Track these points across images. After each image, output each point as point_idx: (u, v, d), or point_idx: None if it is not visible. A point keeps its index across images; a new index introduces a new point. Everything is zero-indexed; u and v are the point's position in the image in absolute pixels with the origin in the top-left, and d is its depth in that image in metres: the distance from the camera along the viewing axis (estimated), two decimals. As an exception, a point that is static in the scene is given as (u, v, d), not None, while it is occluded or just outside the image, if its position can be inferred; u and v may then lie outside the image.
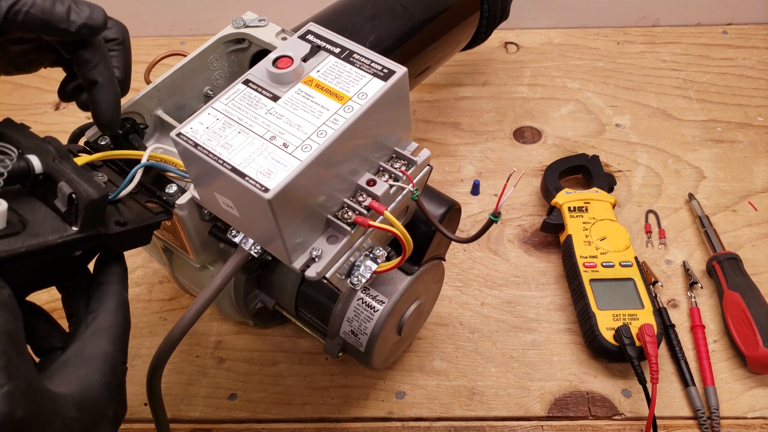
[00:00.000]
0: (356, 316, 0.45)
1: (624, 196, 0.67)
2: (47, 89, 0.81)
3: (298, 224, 0.35)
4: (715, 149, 0.71)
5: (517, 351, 0.57)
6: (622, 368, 0.55)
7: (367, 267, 0.38)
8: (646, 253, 0.63)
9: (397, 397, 0.54)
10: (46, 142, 0.36)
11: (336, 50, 0.38)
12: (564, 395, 0.54)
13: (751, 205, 0.66)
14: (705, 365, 0.54)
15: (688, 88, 0.78)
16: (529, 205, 0.68)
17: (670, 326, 0.56)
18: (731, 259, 0.59)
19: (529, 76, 0.80)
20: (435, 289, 0.53)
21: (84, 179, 0.33)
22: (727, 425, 0.52)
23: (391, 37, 0.58)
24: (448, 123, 0.75)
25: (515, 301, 0.60)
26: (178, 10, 0.86)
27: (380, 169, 0.38)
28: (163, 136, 0.50)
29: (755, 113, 0.75)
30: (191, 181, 0.39)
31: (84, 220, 0.33)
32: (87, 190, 0.33)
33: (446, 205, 0.45)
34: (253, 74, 0.37)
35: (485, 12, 0.67)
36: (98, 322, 0.33)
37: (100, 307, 0.34)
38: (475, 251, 0.64)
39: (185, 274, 0.51)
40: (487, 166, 0.71)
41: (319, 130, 0.34)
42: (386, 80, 0.36)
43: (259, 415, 0.54)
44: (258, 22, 0.51)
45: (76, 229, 0.33)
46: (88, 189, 0.33)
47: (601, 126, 0.74)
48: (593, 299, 0.56)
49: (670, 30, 0.85)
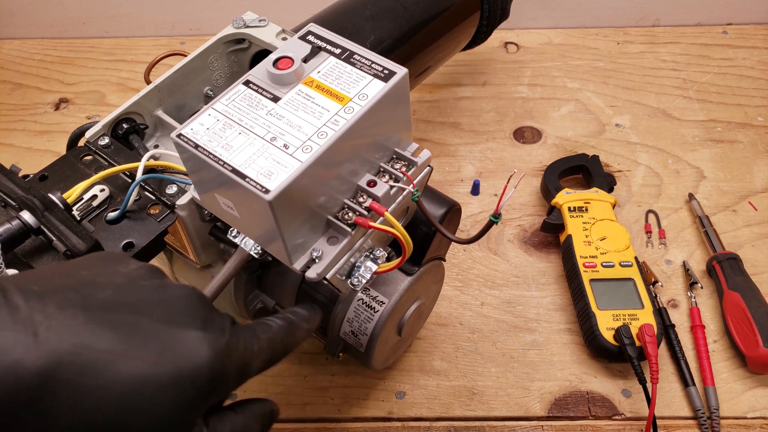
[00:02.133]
0: (356, 316, 0.45)
1: (624, 196, 0.67)
2: (47, 89, 0.81)
3: (298, 225, 0.35)
4: (715, 149, 0.71)
5: (517, 351, 0.57)
6: (622, 368, 0.55)
7: (368, 268, 0.38)
8: (646, 253, 0.63)
9: (397, 397, 0.54)
10: (29, 194, 0.36)
11: (336, 51, 0.38)
12: (564, 395, 0.54)
13: (751, 205, 0.66)
14: (705, 365, 0.54)
15: (688, 88, 0.78)
16: (529, 205, 0.68)
17: (670, 326, 0.56)
18: (731, 259, 0.59)
19: (529, 76, 0.80)
20: (435, 290, 0.53)
21: (73, 231, 0.35)
22: (727, 425, 0.52)
23: (391, 38, 0.58)
24: (448, 123, 0.75)
25: (515, 301, 0.60)
26: (178, 10, 0.86)
27: (381, 170, 0.38)
28: (163, 137, 0.50)
29: (755, 113, 0.75)
30: (192, 182, 0.39)
31: None
32: (77, 245, 0.34)
33: (446, 206, 0.45)
34: (254, 75, 0.37)
35: (485, 12, 0.67)
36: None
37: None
38: (475, 251, 0.64)
39: (185, 274, 0.51)
40: (487, 166, 0.71)
41: (320, 131, 0.34)
42: (387, 81, 0.36)
43: (260, 415, 0.54)
44: (258, 22, 0.50)
45: None
46: (78, 243, 0.34)
47: (601, 126, 0.74)
48: (593, 299, 0.56)
49: (670, 30, 0.85)
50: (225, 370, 0.28)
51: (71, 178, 0.42)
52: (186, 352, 0.26)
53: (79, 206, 0.40)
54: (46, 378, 0.23)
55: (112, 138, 0.46)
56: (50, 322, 0.24)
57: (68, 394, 0.23)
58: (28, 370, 0.23)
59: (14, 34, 0.88)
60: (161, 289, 0.28)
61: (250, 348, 0.30)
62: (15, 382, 0.22)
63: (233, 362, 0.29)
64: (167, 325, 0.27)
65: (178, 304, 0.28)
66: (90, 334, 0.25)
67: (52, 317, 0.24)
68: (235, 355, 0.29)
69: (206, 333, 0.28)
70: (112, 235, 0.37)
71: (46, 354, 0.23)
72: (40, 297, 0.25)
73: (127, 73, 0.83)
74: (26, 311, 0.24)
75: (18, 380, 0.22)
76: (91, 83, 0.82)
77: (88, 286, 0.26)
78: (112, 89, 0.81)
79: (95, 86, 0.81)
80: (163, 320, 0.27)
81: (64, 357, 0.23)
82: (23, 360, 0.23)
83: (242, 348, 0.29)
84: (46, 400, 0.23)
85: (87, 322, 0.25)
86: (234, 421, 0.31)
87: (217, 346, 0.28)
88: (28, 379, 0.23)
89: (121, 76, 0.83)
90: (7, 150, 0.74)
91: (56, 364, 0.23)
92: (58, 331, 0.24)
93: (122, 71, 0.83)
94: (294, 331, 0.34)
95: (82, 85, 0.82)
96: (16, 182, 0.37)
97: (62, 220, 0.35)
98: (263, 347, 0.31)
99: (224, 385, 0.28)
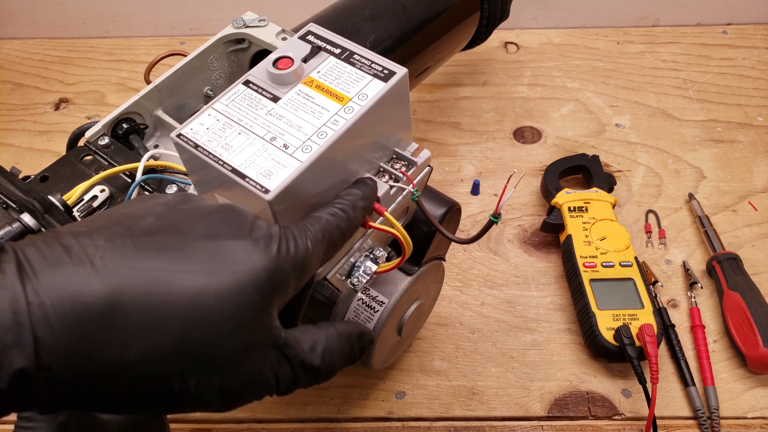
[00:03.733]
0: (356, 316, 0.45)
1: (624, 196, 0.67)
2: (47, 89, 0.81)
3: (298, 225, 0.35)
4: (715, 149, 0.71)
5: (517, 351, 0.57)
6: (622, 368, 0.55)
7: (367, 268, 0.38)
8: (646, 253, 0.63)
9: (397, 397, 0.54)
10: (29, 196, 0.36)
11: (336, 51, 0.38)
12: (564, 395, 0.54)
13: (751, 205, 0.66)
14: (705, 365, 0.54)
15: (688, 88, 0.78)
16: (529, 205, 0.68)
17: (670, 326, 0.56)
18: (731, 259, 0.59)
19: (529, 76, 0.80)
20: (435, 290, 0.53)
21: None
22: (727, 425, 0.52)
23: (391, 37, 0.58)
24: (448, 123, 0.75)
25: (515, 301, 0.60)
26: (178, 10, 0.86)
27: (380, 169, 0.38)
28: (163, 137, 0.50)
29: (755, 113, 0.75)
30: (191, 182, 0.39)
31: None
32: None
33: (446, 206, 0.45)
34: (254, 75, 0.37)
35: (485, 12, 0.67)
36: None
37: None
38: (475, 251, 0.64)
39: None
40: (487, 166, 0.71)
41: (320, 131, 0.34)
42: (386, 81, 0.36)
43: (259, 415, 0.54)
44: (258, 22, 0.51)
45: None
46: None
47: (601, 126, 0.74)
48: (593, 299, 0.56)
49: (670, 30, 0.85)
50: (282, 269, 0.28)
51: (72, 178, 0.43)
52: (237, 260, 0.27)
53: (79, 207, 0.40)
54: (113, 302, 0.24)
55: (112, 138, 0.46)
56: (103, 252, 0.25)
57: (137, 313, 0.25)
58: (94, 296, 0.24)
59: (14, 34, 0.88)
60: (199, 208, 0.29)
61: (303, 243, 0.30)
62: (84, 309, 0.24)
63: (289, 261, 0.29)
64: (212, 239, 0.27)
65: (219, 219, 0.29)
66: (141, 257, 0.26)
67: (104, 248, 0.25)
68: (290, 253, 0.29)
69: (253, 240, 0.28)
70: None
71: (107, 279, 0.24)
72: (89, 235, 0.26)
73: (127, 73, 0.83)
74: (78, 247, 0.25)
75: (87, 306, 0.24)
76: (91, 83, 0.82)
77: (130, 218, 0.28)
78: (112, 89, 0.81)
79: (95, 86, 0.81)
80: (207, 236, 0.28)
81: (123, 280, 0.25)
82: (87, 288, 0.24)
83: (295, 245, 0.29)
84: (118, 321, 0.24)
85: (136, 247, 0.26)
86: (316, 334, 0.31)
87: (268, 249, 0.28)
88: (96, 304, 0.24)
89: (121, 76, 0.83)
90: (7, 150, 0.74)
91: (118, 287, 0.24)
92: (112, 258, 0.25)
93: (122, 71, 0.84)
94: (349, 214, 0.33)
95: (82, 85, 0.82)
96: (16, 184, 0.37)
97: (62, 222, 0.35)
98: (318, 238, 0.31)
99: (285, 284, 0.28)
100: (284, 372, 0.29)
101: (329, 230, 0.32)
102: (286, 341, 0.29)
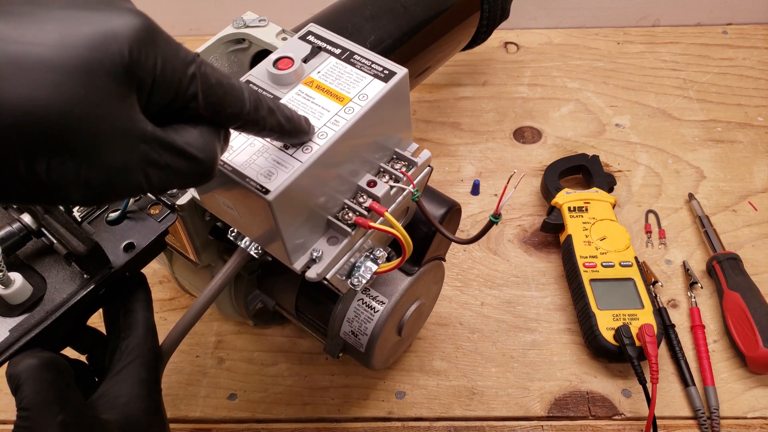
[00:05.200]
0: (356, 316, 0.45)
1: (624, 196, 0.67)
2: (47, 89, 0.81)
3: (298, 225, 0.35)
4: (715, 149, 0.71)
5: (517, 351, 0.57)
6: (622, 368, 0.55)
7: (368, 268, 0.38)
8: (646, 253, 0.63)
9: (397, 397, 0.54)
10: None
11: (336, 51, 0.38)
12: (564, 395, 0.54)
13: (751, 205, 0.66)
14: (705, 365, 0.54)
15: (688, 88, 0.78)
16: (529, 205, 0.68)
17: (670, 326, 0.56)
18: (731, 259, 0.59)
19: (529, 76, 0.80)
20: (435, 290, 0.53)
21: (73, 234, 0.35)
22: (727, 425, 0.52)
23: (391, 38, 0.58)
24: (448, 123, 0.75)
25: (515, 301, 0.60)
26: (178, 10, 0.86)
27: (381, 170, 0.38)
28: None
29: (755, 113, 0.75)
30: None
31: (87, 269, 0.35)
32: (77, 248, 0.34)
33: (446, 206, 0.45)
34: (254, 75, 0.37)
35: (485, 12, 0.67)
36: (131, 350, 0.35)
37: (130, 334, 0.36)
38: (475, 251, 0.64)
39: (185, 275, 0.51)
40: (487, 166, 0.71)
41: (320, 131, 0.34)
42: (387, 81, 0.36)
43: (259, 415, 0.54)
44: (258, 22, 0.50)
45: (88, 277, 0.35)
46: (78, 245, 0.34)
47: (601, 126, 0.74)
48: (593, 299, 0.56)
49: (670, 30, 0.85)
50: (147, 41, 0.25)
51: None
52: (93, 31, 0.24)
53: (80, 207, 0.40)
54: None
55: None
56: None
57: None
58: None
59: (14, 34, 0.88)
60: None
61: (174, 42, 0.26)
62: None
63: (158, 41, 0.25)
64: (70, 9, 0.24)
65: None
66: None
67: None
68: (160, 36, 0.25)
69: (119, 9, 0.25)
70: (113, 236, 0.37)
71: None
72: None
73: (127, 73, 0.83)
74: None
75: None
76: (91, 83, 0.82)
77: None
78: (112, 89, 0.81)
79: (95, 86, 0.81)
80: (65, 5, 0.24)
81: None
82: None
83: (167, 36, 0.26)
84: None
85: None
86: (192, 135, 0.27)
87: (134, 19, 0.24)
88: None
89: (121, 76, 0.83)
90: (7, 150, 0.74)
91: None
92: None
93: (122, 71, 0.83)
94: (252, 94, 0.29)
95: (82, 85, 0.82)
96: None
97: (62, 223, 0.35)
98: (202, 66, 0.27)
99: (145, 59, 0.25)
100: (154, 165, 0.26)
101: (217, 77, 0.28)
102: (155, 134, 0.26)
